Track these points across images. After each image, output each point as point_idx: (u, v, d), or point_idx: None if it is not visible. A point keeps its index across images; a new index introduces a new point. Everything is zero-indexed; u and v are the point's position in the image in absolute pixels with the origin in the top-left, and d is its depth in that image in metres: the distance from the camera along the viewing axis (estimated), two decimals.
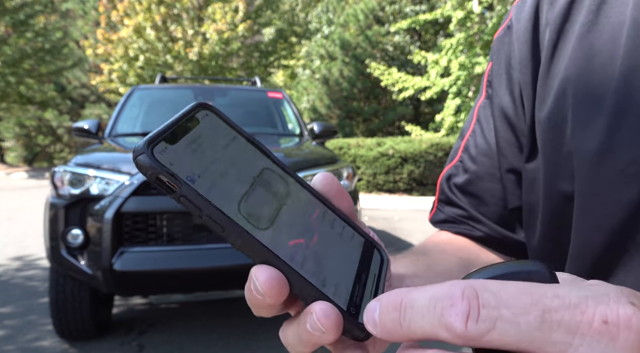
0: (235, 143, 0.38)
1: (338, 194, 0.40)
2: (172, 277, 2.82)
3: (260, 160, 0.39)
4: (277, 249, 0.34)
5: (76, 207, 2.86)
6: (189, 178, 0.33)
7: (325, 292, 0.34)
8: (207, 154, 0.36)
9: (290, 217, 0.37)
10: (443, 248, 0.67)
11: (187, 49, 15.10)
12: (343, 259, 0.38)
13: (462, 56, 14.26)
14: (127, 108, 4.28)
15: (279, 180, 0.39)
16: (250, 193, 0.36)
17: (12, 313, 3.68)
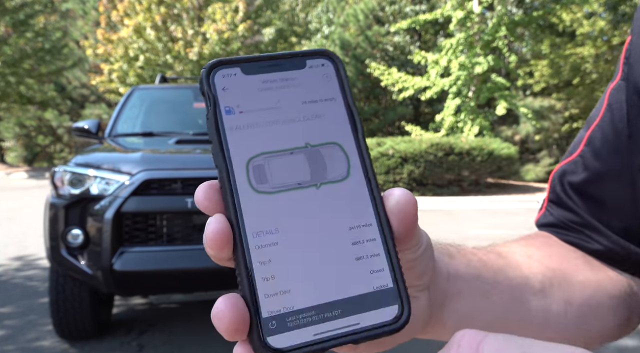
0: (324, 105, 0.35)
1: (407, 227, 0.34)
2: (172, 277, 2.82)
3: (335, 133, 0.35)
4: (249, 216, 0.32)
5: (76, 207, 2.86)
6: (227, 108, 0.33)
7: (257, 288, 0.31)
8: (275, 98, 0.35)
9: (307, 206, 0.33)
10: (530, 252, 0.57)
11: (187, 49, 15.11)
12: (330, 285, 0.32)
13: (462, 56, 14.25)
14: (127, 108, 4.28)
15: (337, 164, 0.34)
16: (283, 155, 0.34)
17: (12, 313, 3.68)
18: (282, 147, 0.34)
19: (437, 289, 0.44)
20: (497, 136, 15.02)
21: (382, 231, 0.34)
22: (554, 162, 19.67)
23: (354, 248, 0.33)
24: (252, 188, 0.32)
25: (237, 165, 0.33)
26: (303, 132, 0.34)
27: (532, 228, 0.73)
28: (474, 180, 12.39)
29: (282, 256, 0.32)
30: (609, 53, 16.87)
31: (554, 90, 19.40)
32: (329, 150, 0.34)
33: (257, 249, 0.31)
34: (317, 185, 0.33)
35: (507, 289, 0.50)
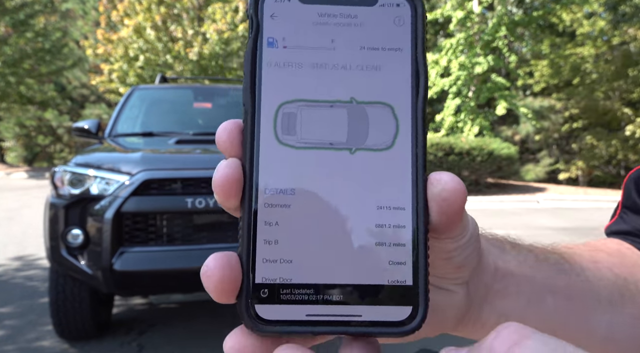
0: (387, 55, 0.30)
1: (448, 220, 0.30)
2: (172, 277, 2.82)
3: (391, 92, 0.30)
4: (265, 169, 0.28)
5: (76, 207, 2.86)
6: (270, 39, 0.29)
7: (256, 249, 0.28)
8: (329, 36, 0.30)
9: (335, 171, 0.29)
10: (598, 257, 0.51)
11: (187, 49, 15.10)
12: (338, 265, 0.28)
13: (462, 56, 14.24)
14: (127, 108, 4.28)
15: (383, 129, 0.29)
16: (321, 107, 0.29)
17: (12, 313, 3.68)
18: (322, 97, 0.29)
19: (480, 284, 0.40)
20: (497, 136, 15.02)
21: (416, 219, 0.29)
22: (554, 162, 19.67)
23: (376, 231, 0.29)
24: (276, 138, 0.29)
25: (265, 108, 0.29)
26: (352, 83, 0.29)
27: (532, 227, 0.68)
28: (474, 180, 12.39)
29: (292, 221, 0.28)
30: (609, 53, 16.87)
31: (554, 90, 19.39)
32: (377, 111, 0.29)
33: (266, 207, 0.28)
34: (351, 150, 0.29)
35: (565, 295, 0.45)
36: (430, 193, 0.29)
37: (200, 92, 4.78)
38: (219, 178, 0.28)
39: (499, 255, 0.42)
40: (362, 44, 0.30)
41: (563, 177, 18.46)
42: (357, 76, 0.30)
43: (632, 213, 0.58)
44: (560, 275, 0.45)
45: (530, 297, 0.43)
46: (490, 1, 14.17)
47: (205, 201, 2.80)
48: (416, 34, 0.30)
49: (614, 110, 17.02)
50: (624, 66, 16.17)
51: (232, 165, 0.29)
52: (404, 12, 0.30)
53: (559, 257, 0.47)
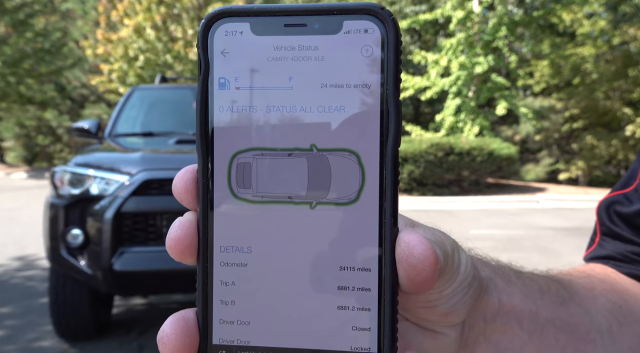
0: (352, 93, 0.26)
1: (417, 286, 0.27)
2: (172, 277, 2.81)
3: (356, 137, 0.26)
4: (220, 226, 0.26)
5: (76, 207, 2.86)
6: (221, 80, 0.27)
7: (213, 310, 0.26)
8: (286, 74, 0.26)
9: (294, 228, 0.26)
10: (592, 284, 0.51)
11: (187, 49, 15.10)
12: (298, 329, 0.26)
13: (462, 56, 14.24)
14: (127, 108, 4.28)
15: (347, 181, 0.26)
16: (278, 156, 0.26)
17: (12, 313, 3.68)
18: (279, 145, 0.26)
19: (478, 321, 0.38)
20: (497, 136, 15.01)
21: (382, 282, 0.26)
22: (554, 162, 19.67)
23: (339, 294, 0.26)
24: (231, 192, 0.26)
25: (219, 158, 0.26)
26: (312, 128, 0.26)
27: (531, 227, 0.67)
28: (474, 180, 12.39)
29: (249, 281, 0.26)
30: (609, 53, 16.86)
31: (554, 90, 19.39)
32: (341, 159, 0.26)
33: (221, 266, 0.26)
34: (312, 204, 0.26)
35: (567, 329, 0.44)
36: (398, 256, 0.26)
37: None
38: (171, 240, 0.27)
39: (504, 289, 0.39)
40: (323, 80, 0.26)
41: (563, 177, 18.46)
42: (317, 119, 0.26)
43: (610, 239, 0.58)
44: (561, 307, 0.43)
45: (532, 332, 0.41)
46: (491, 1, 14.17)
47: None
48: (387, 64, 0.26)
49: (614, 110, 17.01)
50: (624, 66, 16.17)
51: (184, 224, 0.27)
52: (372, 38, 0.26)
53: (559, 286, 0.46)
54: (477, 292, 0.35)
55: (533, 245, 6.24)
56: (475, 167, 11.92)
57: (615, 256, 0.57)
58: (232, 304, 0.26)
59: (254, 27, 0.26)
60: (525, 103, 17.90)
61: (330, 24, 0.26)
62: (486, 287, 0.37)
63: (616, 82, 16.62)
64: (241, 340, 0.26)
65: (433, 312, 0.33)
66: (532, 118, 14.48)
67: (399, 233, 0.27)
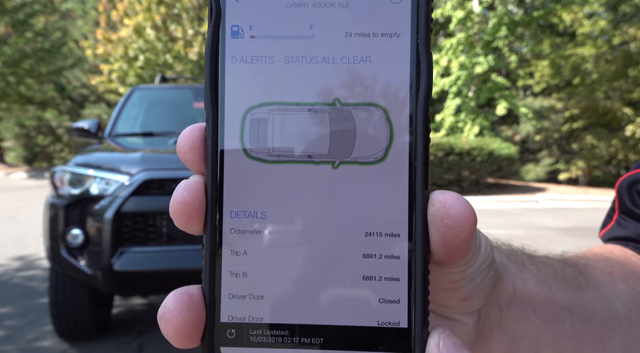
0: (380, 43, 0.23)
1: (453, 250, 0.24)
2: (172, 277, 2.81)
3: (384, 90, 0.23)
4: (230, 188, 0.23)
5: (76, 207, 2.86)
6: (234, 28, 0.24)
7: (221, 283, 0.24)
8: (307, 22, 0.23)
9: (314, 190, 0.23)
10: (611, 268, 0.48)
11: (187, 48, 15.10)
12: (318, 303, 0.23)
13: (463, 56, 14.24)
14: (127, 108, 4.28)
15: (373, 138, 0.23)
16: (297, 111, 0.23)
17: (12, 313, 3.68)
18: (299, 99, 0.23)
19: (494, 309, 0.36)
20: (497, 136, 15.01)
21: (413, 248, 0.23)
22: (554, 162, 19.67)
23: (364, 263, 0.23)
24: (243, 151, 0.24)
25: (230, 114, 0.24)
26: (336, 81, 0.24)
27: (531, 227, 0.65)
28: (474, 180, 12.39)
29: (263, 250, 0.24)
30: (610, 53, 16.86)
31: (554, 90, 19.39)
32: (367, 115, 0.23)
33: (232, 233, 0.24)
34: (334, 164, 0.23)
35: (583, 316, 0.41)
36: (431, 218, 0.24)
37: (200, 92, 4.78)
38: (176, 203, 0.24)
39: (517, 274, 0.37)
40: (348, 29, 0.24)
41: (563, 177, 18.46)
42: (342, 71, 0.24)
43: (630, 220, 0.55)
44: (578, 293, 0.41)
45: (548, 319, 0.39)
46: (491, 1, 14.17)
47: None
48: (418, 12, 0.23)
49: (614, 110, 17.01)
50: (624, 66, 16.17)
51: (191, 186, 0.24)
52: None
53: (575, 271, 0.43)
54: (494, 277, 0.33)
55: (533, 245, 6.21)
56: (475, 167, 11.92)
57: (635, 238, 0.53)
58: (243, 276, 0.24)
59: None
60: (525, 103, 17.90)
61: None
62: (500, 272, 0.35)
63: (616, 82, 16.62)
64: (253, 317, 0.24)
65: (454, 295, 0.30)
66: (532, 118, 14.48)
67: (430, 194, 0.24)
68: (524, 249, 0.42)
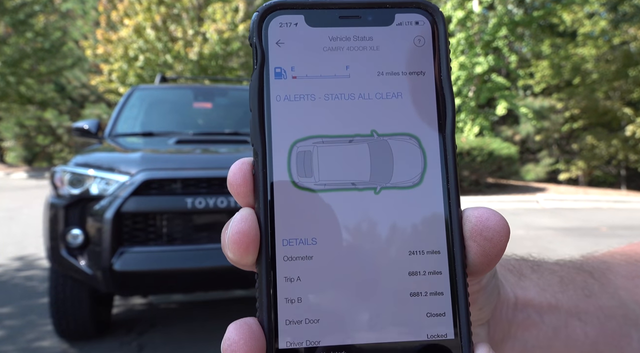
0: (408, 80, 0.27)
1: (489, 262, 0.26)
2: (172, 277, 2.81)
3: (415, 122, 0.26)
4: (282, 218, 0.25)
5: (76, 207, 2.86)
6: (277, 70, 0.26)
7: (278, 310, 0.25)
8: (343, 63, 0.26)
9: (359, 215, 0.26)
10: (635, 271, 0.45)
11: (187, 48, 15.10)
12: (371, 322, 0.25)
13: (462, 56, 14.24)
14: (127, 108, 4.28)
15: (410, 164, 0.26)
16: (339, 143, 0.26)
17: (12, 313, 3.68)
18: (339, 132, 0.26)
19: (501, 320, 0.37)
20: (497, 136, 15.01)
21: (453, 263, 0.26)
22: (554, 162, 19.67)
23: (410, 280, 0.25)
24: (292, 182, 0.26)
25: (277, 148, 0.26)
26: (372, 114, 0.26)
27: (531, 227, 0.65)
28: (474, 180, 12.39)
29: (316, 275, 0.25)
30: (610, 53, 16.86)
31: (554, 90, 19.39)
32: (402, 144, 0.26)
33: (285, 261, 0.25)
34: (376, 189, 0.26)
35: (596, 322, 0.41)
36: (469, 232, 0.26)
37: (200, 92, 4.78)
38: (234, 235, 0.26)
39: (516, 283, 0.38)
40: (380, 68, 0.27)
41: (563, 177, 18.46)
42: (376, 106, 0.27)
43: None
44: (589, 300, 0.41)
45: (556, 326, 0.39)
46: (491, 1, 14.16)
47: (205, 201, 2.80)
48: (439, 53, 0.27)
49: (614, 110, 17.01)
50: (624, 66, 16.17)
51: (245, 217, 0.26)
52: (424, 30, 0.27)
53: (588, 277, 0.43)
54: (497, 286, 0.35)
55: (533, 245, 6.23)
56: (475, 167, 11.92)
57: None
58: (298, 302, 0.25)
59: (309, 19, 0.27)
60: (525, 103, 17.90)
61: (383, 16, 0.27)
62: (500, 282, 0.36)
63: (616, 82, 16.62)
64: (310, 341, 0.25)
65: (472, 307, 0.31)
66: (532, 118, 14.48)
67: (464, 211, 0.27)
68: (528, 258, 0.42)
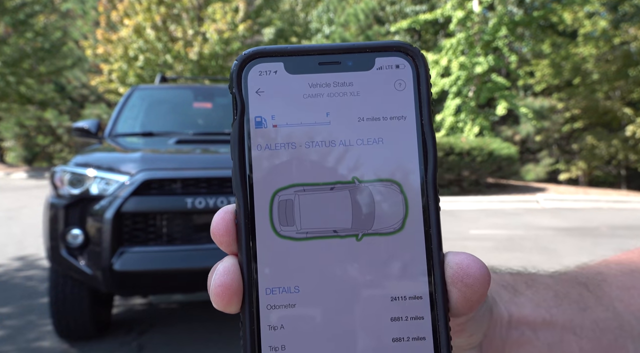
0: (389, 125, 0.27)
1: (470, 307, 0.27)
2: (172, 277, 2.81)
3: (396, 167, 0.26)
4: (264, 267, 0.25)
5: (76, 207, 2.86)
6: (258, 119, 0.26)
7: None
8: (323, 110, 0.26)
9: (341, 262, 0.26)
10: (630, 281, 0.44)
11: (187, 48, 15.10)
12: None
13: (462, 56, 14.24)
14: (127, 108, 4.28)
15: (391, 210, 0.26)
16: (320, 191, 0.26)
17: (12, 313, 3.68)
18: (321, 179, 0.26)
19: (494, 339, 0.36)
20: (497, 136, 15.01)
21: (435, 308, 0.26)
22: (554, 162, 19.67)
23: (393, 326, 0.26)
24: (274, 231, 0.26)
25: (259, 197, 0.26)
26: (353, 161, 0.26)
27: (531, 227, 0.64)
28: (474, 180, 12.38)
29: (299, 323, 0.25)
30: (610, 53, 16.86)
31: (554, 90, 19.39)
32: (383, 190, 0.26)
33: (269, 310, 0.25)
34: (358, 236, 0.26)
35: (591, 336, 0.40)
36: (450, 278, 0.26)
37: (200, 92, 4.78)
38: (217, 287, 0.26)
39: (511, 300, 0.38)
40: (360, 114, 0.27)
41: (563, 178, 18.46)
42: (358, 152, 0.26)
43: None
44: (583, 314, 0.40)
45: (551, 342, 0.38)
46: (491, 1, 14.16)
47: (205, 201, 2.80)
48: (420, 97, 0.27)
49: (614, 110, 17.01)
50: (624, 66, 16.16)
51: (228, 269, 0.26)
52: (405, 73, 0.27)
53: (583, 290, 0.42)
54: (490, 308, 0.35)
55: (533, 245, 6.23)
56: (475, 167, 11.92)
57: None
58: (282, 349, 0.25)
59: (288, 66, 0.27)
60: (525, 103, 17.90)
61: (363, 61, 0.27)
62: (494, 300, 0.36)
63: (616, 82, 16.61)
64: None
65: (462, 335, 0.32)
66: (532, 118, 14.48)
67: (445, 257, 0.27)
68: (522, 272, 0.42)
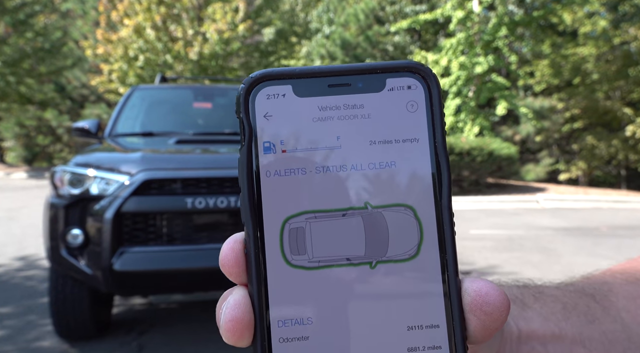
0: (401, 148, 0.26)
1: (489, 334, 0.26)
2: (172, 277, 2.81)
3: (410, 192, 0.25)
4: (276, 298, 0.25)
5: (76, 207, 2.86)
6: (266, 145, 0.25)
7: None
8: (334, 134, 0.25)
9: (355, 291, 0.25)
10: (636, 290, 0.44)
11: (187, 48, 15.10)
12: None
13: (462, 56, 14.24)
14: (127, 108, 4.28)
15: (405, 236, 0.25)
16: (332, 218, 0.25)
17: (12, 313, 3.68)
18: (332, 206, 0.25)
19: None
20: (497, 136, 15.01)
21: (453, 337, 0.25)
22: (554, 162, 19.67)
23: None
24: (285, 260, 0.25)
25: (269, 225, 0.25)
26: (365, 186, 0.25)
27: (531, 227, 0.64)
28: (474, 180, 12.38)
29: None
30: (610, 53, 16.86)
31: (554, 90, 19.39)
32: (397, 216, 0.25)
33: (281, 343, 0.25)
34: (371, 264, 0.25)
35: (602, 347, 0.40)
36: (468, 306, 0.25)
37: (200, 92, 4.78)
38: (229, 322, 0.25)
39: (519, 314, 0.38)
40: (372, 137, 0.26)
41: (563, 178, 18.46)
42: (370, 176, 0.25)
43: None
44: (592, 325, 0.40)
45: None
46: (491, 1, 14.17)
47: (205, 201, 2.80)
48: (433, 118, 0.26)
49: (614, 111, 17.01)
50: (624, 66, 16.16)
51: (239, 302, 0.25)
52: (417, 94, 0.26)
53: (590, 301, 0.42)
54: (501, 328, 0.34)
55: (533, 245, 6.23)
56: (475, 167, 11.92)
57: None
58: None
59: (297, 89, 0.26)
60: (525, 103, 17.90)
61: (373, 82, 0.26)
62: None
63: (616, 82, 16.61)
64: None
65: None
66: (532, 118, 14.48)
67: (462, 283, 0.26)
68: (529, 284, 0.42)
